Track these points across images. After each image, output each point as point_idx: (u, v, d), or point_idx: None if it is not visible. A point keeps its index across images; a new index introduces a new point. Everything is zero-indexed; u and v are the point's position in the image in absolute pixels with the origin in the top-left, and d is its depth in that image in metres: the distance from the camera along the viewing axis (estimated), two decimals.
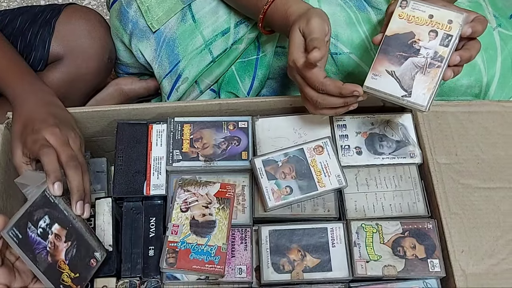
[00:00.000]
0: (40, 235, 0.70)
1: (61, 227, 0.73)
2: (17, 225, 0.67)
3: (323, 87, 0.76)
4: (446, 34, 0.75)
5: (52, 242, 0.71)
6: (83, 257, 0.75)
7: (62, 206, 0.74)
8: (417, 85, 0.76)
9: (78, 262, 0.74)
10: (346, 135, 0.90)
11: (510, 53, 0.97)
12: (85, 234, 0.76)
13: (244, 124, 0.91)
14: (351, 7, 1.00)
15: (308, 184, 0.84)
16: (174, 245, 0.80)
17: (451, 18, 0.76)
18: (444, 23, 0.76)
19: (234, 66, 1.05)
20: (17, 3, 1.54)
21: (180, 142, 0.89)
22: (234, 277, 0.81)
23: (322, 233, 0.82)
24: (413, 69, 0.76)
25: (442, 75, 0.76)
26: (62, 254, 0.72)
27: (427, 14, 0.77)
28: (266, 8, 0.86)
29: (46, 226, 0.71)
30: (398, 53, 0.77)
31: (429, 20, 0.77)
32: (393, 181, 0.87)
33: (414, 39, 0.77)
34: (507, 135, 0.88)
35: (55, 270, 0.71)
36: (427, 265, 0.80)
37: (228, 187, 0.85)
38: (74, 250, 0.74)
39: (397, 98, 0.76)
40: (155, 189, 0.86)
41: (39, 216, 0.71)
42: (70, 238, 0.74)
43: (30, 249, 0.68)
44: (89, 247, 0.76)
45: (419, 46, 0.77)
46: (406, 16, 0.78)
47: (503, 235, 0.81)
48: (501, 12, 0.99)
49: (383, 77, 0.77)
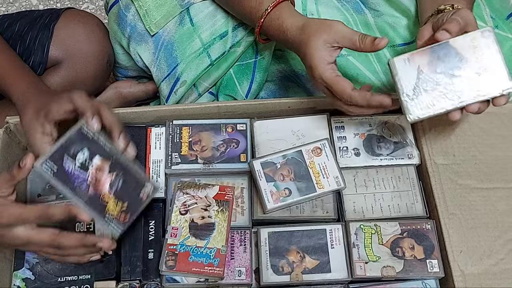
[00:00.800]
0: (79, 168, 0.70)
1: (103, 158, 0.72)
2: (51, 158, 0.68)
3: (351, 99, 0.76)
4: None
5: (93, 174, 0.71)
6: (131, 189, 0.73)
7: (102, 142, 0.73)
8: (426, 98, 0.73)
9: (126, 194, 0.73)
10: (344, 136, 0.91)
11: (507, 54, 0.97)
12: (132, 167, 0.74)
13: (242, 126, 0.91)
14: (348, 10, 1.00)
15: (307, 185, 0.84)
16: (173, 248, 0.80)
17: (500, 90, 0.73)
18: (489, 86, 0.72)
19: (232, 69, 1.06)
20: (15, 8, 1.54)
21: (179, 145, 0.89)
22: (234, 279, 0.81)
23: (321, 235, 0.83)
24: (436, 85, 0.73)
25: (451, 111, 0.73)
26: (106, 187, 0.72)
27: (489, 57, 0.72)
28: (260, 23, 0.87)
29: (86, 159, 0.70)
30: (441, 62, 0.73)
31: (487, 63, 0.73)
32: (391, 182, 0.88)
33: (461, 65, 0.72)
34: (504, 136, 0.89)
35: (97, 202, 0.71)
36: (426, 266, 0.80)
37: (227, 190, 0.86)
38: (119, 182, 0.72)
39: (401, 91, 0.73)
40: None
41: (76, 149, 0.70)
42: (115, 170, 0.72)
43: (67, 181, 0.69)
44: (138, 180, 0.74)
45: (459, 74, 0.72)
46: (476, 43, 0.72)
47: (501, 235, 0.81)
48: (498, 13, 1.00)
49: (410, 67, 0.73)
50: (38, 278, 0.82)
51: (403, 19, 0.99)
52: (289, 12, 0.84)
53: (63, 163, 0.69)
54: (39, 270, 0.82)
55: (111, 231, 0.73)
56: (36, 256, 0.83)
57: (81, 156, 0.70)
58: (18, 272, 0.82)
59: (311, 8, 0.99)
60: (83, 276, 0.82)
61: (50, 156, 0.68)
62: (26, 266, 0.83)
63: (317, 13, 1.00)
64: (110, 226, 0.73)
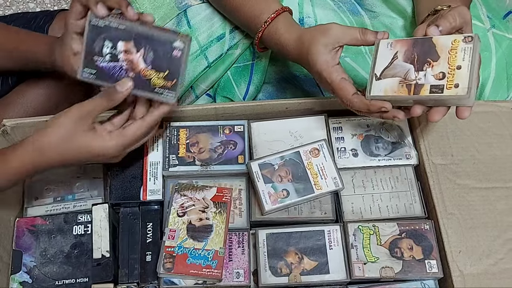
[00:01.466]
0: (110, 60, 0.73)
1: (125, 41, 0.73)
2: (85, 65, 0.73)
3: (351, 104, 0.77)
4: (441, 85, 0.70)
5: (125, 59, 0.73)
6: (163, 54, 0.73)
7: (115, 24, 0.73)
8: (388, 82, 0.73)
9: (162, 61, 0.73)
10: (342, 137, 0.90)
11: (504, 54, 0.97)
12: (154, 33, 0.74)
13: (240, 128, 0.91)
14: (345, 12, 1.00)
15: (305, 187, 0.84)
16: (171, 250, 0.80)
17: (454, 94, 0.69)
18: (453, 81, 0.69)
19: (230, 71, 1.06)
20: (12, 11, 1.54)
21: (176, 146, 0.89)
22: (232, 281, 0.81)
23: (319, 236, 0.82)
24: (402, 73, 0.73)
25: (401, 100, 0.73)
26: (141, 63, 0.73)
27: (460, 62, 0.69)
28: (259, 37, 0.87)
29: (111, 49, 0.72)
30: (417, 55, 0.72)
31: (454, 68, 0.70)
32: (389, 183, 0.87)
33: (432, 62, 0.71)
34: (503, 135, 0.89)
35: (141, 81, 0.73)
36: (424, 266, 0.80)
37: (225, 191, 0.85)
38: (150, 52, 0.73)
39: (372, 70, 0.75)
40: (151, 194, 0.86)
41: (99, 45, 0.73)
42: (141, 45, 0.73)
43: (109, 76, 0.73)
44: (165, 42, 0.74)
45: (426, 69, 0.71)
46: (455, 46, 0.70)
47: (500, 234, 0.81)
48: (494, 13, 1.00)
49: (389, 52, 0.74)
50: (35, 281, 0.82)
51: (399, 20, 0.99)
52: (285, 26, 0.85)
53: (95, 63, 0.73)
54: (36, 273, 0.82)
55: (165, 99, 0.75)
56: (34, 260, 0.83)
57: (106, 49, 0.73)
58: (15, 276, 0.82)
59: (307, 11, 0.99)
60: (80, 279, 0.82)
61: (83, 64, 0.73)
62: (23, 269, 0.82)
63: (313, 16, 1.00)
64: (163, 96, 0.75)
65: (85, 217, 0.86)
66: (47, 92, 1.05)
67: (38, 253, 0.84)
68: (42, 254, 0.84)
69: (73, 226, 0.86)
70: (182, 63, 0.73)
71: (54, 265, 0.83)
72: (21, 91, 1.05)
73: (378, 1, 1.01)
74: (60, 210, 0.89)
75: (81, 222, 0.86)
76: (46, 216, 0.87)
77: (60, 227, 0.86)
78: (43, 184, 0.90)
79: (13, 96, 1.05)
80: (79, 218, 0.86)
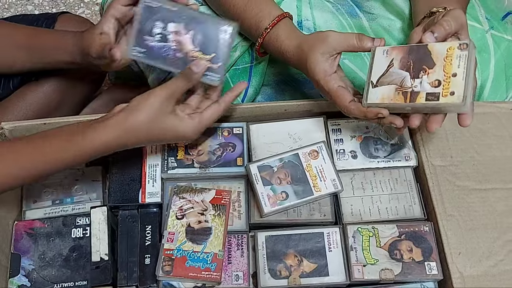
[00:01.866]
0: (160, 40, 0.76)
1: (176, 23, 0.76)
2: (135, 44, 0.77)
3: (348, 111, 0.77)
4: (436, 93, 0.70)
5: (174, 39, 0.76)
6: (211, 37, 0.76)
7: (167, 5, 0.76)
8: (384, 89, 0.73)
9: (209, 44, 0.76)
10: (341, 139, 0.90)
11: (503, 55, 0.97)
12: (204, 18, 0.77)
13: (238, 130, 0.91)
14: (343, 14, 1.00)
15: (304, 189, 0.84)
16: (170, 253, 0.80)
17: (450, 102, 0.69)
18: (448, 89, 0.69)
19: (229, 73, 1.05)
20: (10, 13, 1.54)
21: (175, 149, 0.88)
22: (231, 283, 0.81)
23: (318, 238, 0.82)
24: (398, 81, 0.73)
25: (398, 108, 0.73)
26: (189, 45, 0.76)
27: (456, 70, 0.69)
28: (260, 43, 0.89)
29: (162, 30, 0.75)
30: (412, 62, 0.72)
31: (449, 75, 0.70)
32: (388, 185, 0.87)
33: (427, 70, 0.71)
34: (502, 136, 0.88)
35: (188, 61, 0.76)
36: (424, 268, 0.79)
37: (224, 194, 0.85)
38: (199, 35, 0.76)
39: (368, 78, 0.75)
40: (150, 197, 0.86)
41: (150, 26, 0.76)
42: (190, 27, 0.76)
43: (157, 56, 0.77)
44: (213, 26, 0.77)
45: (421, 76, 0.71)
46: (451, 53, 0.70)
47: (500, 236, 0.81)
48: (493, 14, 1.00)
49: (385, 59, 0.75)
50: (34, 284, 0.81)
51: (397, 22, 0.99)
52: (286, 32, 0.85)
53: (145, 43, 0.76)
54: (35, 276, 0.82)
55: (210, 81, 0.78)
56: (32, 263, 0.83)
57: (156, 29, 0.76)
58: (14, 279, 0.82)
59: (306, 13, 0.99)
60: (79, 282, 0.82)
61: (134, 42, 0.77)
62: (22, 272, 0.82)
63: (312, 18, 0.99)
64: (208, 78, 0.77)
65: (84, 220, 0.86)
66: (47, 96, 1.05)
67: (37, 256, 0.83)
68: (41, 257, 0.83)
69: (72, 229, 0.85)
70: (228, 47, 0.76)
71: (53, 268, 0.83)
72: (22, 95, 1.05)
73: (376, 3, 1.00)
74: (58, 213, 0.89)
75: (79, 225, 0.86)
76: (44, 219, 0.86)
77: (58, 230, 0.85)
78: (42, 187, 0.90)
79: (14, 100, 1.05)
80: (78, 221, 0.86)
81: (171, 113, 0.75)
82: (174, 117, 0.75)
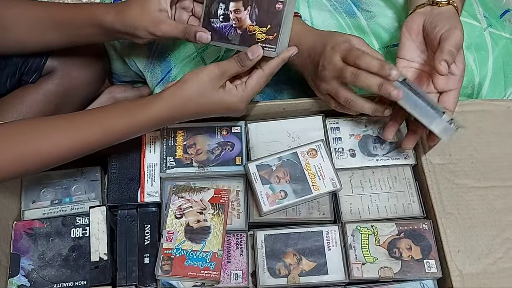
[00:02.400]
0: (223, 20, 0.79)
1: (235, 1, 0.78)
2: (203, 26, 0.80)
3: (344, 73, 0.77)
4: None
5: (234, 17, 0.78)
6: (266, 9, 0.77)
7: None
8: None
9: (263, 17, 0.77)
10: (339, 137, 0.90)
11: (501, 52, 0.97)
12: None
13: (237, 129, 0.91)
14: (341, 13, 1.00)
15: (303, 187, 0.84)
16: (169, 252, 0.80)
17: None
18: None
19: None
20: None
21: (174, 148, 0.89)
22: (230, 282, 0.81)
23: (317, 237, 0.82)
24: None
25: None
26: (247, 20, 0.78)
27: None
28: None
29: (224, 10, 0.79)
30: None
31: None
32: (387, 183, 0.87)
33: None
34: (501, 134, 0.88)
35: (248, 37, 0.78)
36: (423, 266, 0.79)
37: (223, 193, 0.85)
38: (255, 10, 0.77)
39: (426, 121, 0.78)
40: (149, 196, 0.86)
41: (214, 9, 0.79)
42: (247, 4, 0.78)
43: (222, 36, 0.80)
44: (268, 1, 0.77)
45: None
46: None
47: (499, 233, 0.81)
48: (491, 12, 1.00)
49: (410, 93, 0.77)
50: (33, 284, 0.82)
51: (395, 20, 0.99)
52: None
53: (212, 25, 0.80)
54: (34, 276, 0.82)
55: (268, 54, 0.78)
56: (32, 263, 0.83)
57: (220, 11, 0.79)
58: (13, 279, 0.82)
59: (304, 13, 0.99)
60: (78, 282, 0.82)
61: (202, 22, 0.80)
62: (21, 273, 0.82)
63: (309, 17, 1.00)
64: (265, 50, 0.77)
65: (83, 220, 0.86)
66: (46, 98, 1.05)
67: (36, 256, 0.84)
68: (40, 257, 0.83)
69: (71, 228, 0.85)
70: (283, 17, 0.77)
71: (52, 268, 0.83)
72: (21, 96, 1.04)
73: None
74: (57, 213, 0.89)
75: (79, 224, 0.86)
76: (43, 219, 0.86)
77: (58, 230, 0.85)
78: (41, 187, 0.90)
79: (12, 101, 1.04)
80: (77, 221, 0.86)
81: (221, 88, 0.77)
82: (224, 92, 0.77)
